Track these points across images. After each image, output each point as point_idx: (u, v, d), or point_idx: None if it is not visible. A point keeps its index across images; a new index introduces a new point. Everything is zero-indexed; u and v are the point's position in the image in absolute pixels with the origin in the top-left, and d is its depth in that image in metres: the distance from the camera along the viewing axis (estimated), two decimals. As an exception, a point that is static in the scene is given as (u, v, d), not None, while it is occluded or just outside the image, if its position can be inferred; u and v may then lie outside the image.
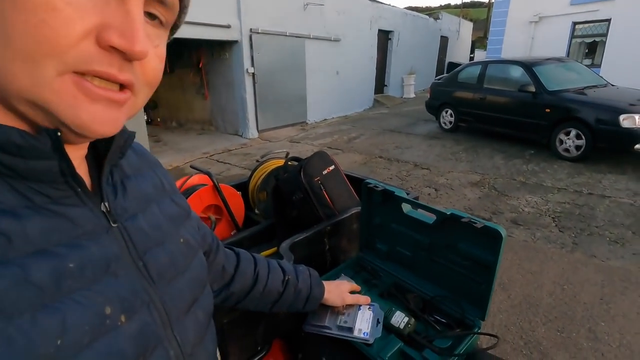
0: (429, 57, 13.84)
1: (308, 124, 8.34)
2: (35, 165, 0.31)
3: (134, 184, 0.45)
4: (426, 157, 5.52)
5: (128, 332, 0.35)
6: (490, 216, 3.51)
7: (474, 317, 0.91)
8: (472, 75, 6.50)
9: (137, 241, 0.40)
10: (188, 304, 0.45)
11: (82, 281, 0.32)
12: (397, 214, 1.05)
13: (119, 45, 0.30)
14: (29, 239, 0.30)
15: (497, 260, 0.84)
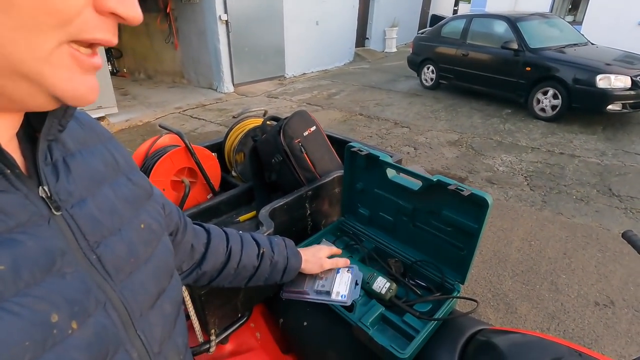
0: (413, 8, 13.29)
1: (286, 78, 8.01)
2: None
3: (80, 162, 0.38)
4: (406, 115, 5.47)
5: (80, 340, 0.30)
6: (466, 175, 3.58)
7: (454, 281, 0.92)
8: (456, 30, 6.31)
9: (87, 231, 0.35)
10: (153, 298, 0.40)
11: (17, 286, 0.27)
12: (381, 179, 1.02)
13: (119, 11, 0.29)
14: None
15: (482, 227, 0.84)
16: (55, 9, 0.25)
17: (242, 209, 1.33)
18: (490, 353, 0.77)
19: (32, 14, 0.24)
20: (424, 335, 0.79)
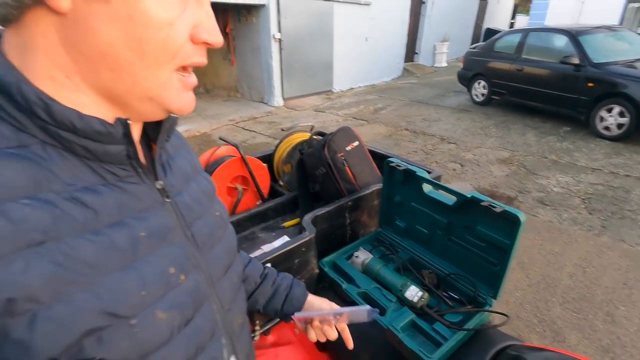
0: (465, 23, 13.02)
1: (334, 92, 8.21)
2: (109, 149, 0.37)
3: (176, 163, 0.50)
4: (454, 130, 5.37)
5: (187, 288, 0.42)
6: (516, 195, 3.43)
7: (487, 295, 0.95)
8: (510, 44, 6.10)
9: (185, 214, 0.46)
10: (224, 268, 0.52)
11: (149, 246, 0.39)
12: (418, 193, 1.07)
13: (209, 40, 0.38)
14: (109, 212, 0.36)
15: (514, 244, 0.86)
16: (169, 48, 0.35)
17: (287, 216, 1.44)
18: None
19: (156, 55, 0.35)
20: (452, 344, 0.83)
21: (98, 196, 0.36)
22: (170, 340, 0.39)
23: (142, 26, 0.33)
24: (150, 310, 0.37)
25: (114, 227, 0.36)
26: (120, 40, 0.33)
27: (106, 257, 0.34)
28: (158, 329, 0.38)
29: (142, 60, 0.35)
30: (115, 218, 0.37)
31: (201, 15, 0.38)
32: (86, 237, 0.33)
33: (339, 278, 1.06)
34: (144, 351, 0.36)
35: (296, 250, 1.00)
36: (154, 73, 0.36)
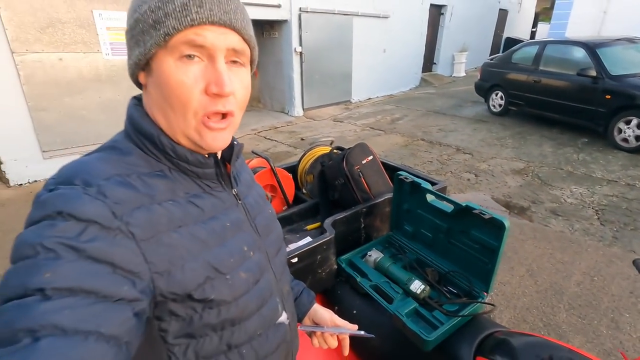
0: (484, 32, 13.04)
1: (352, 102, 8.42)
2: (206, 171, 0.57)
3: (242, 175, 0.70)
4: (470, 141, 5.47)
5: (255, 262, 0.61)
6: (529, 205, 3.52)
7: (480, 290, 1.12)
8: (527, 56, 6.18)
9: (251, 212, 0.65)
10: (276, 250, 0.70)
11: (232, 232, 0.58)
12: (423, 202, 1.26)
13: (216, 92, 0.49)
14: (209, 210, 0.56)
15: (501, 245, 1.03)
16: (185, 101, 0.48)
17: (310, 220, 1.64)
18: (502, 348, 0.96)
19: (179, 107, 0.49)
20: (447, 327, 1.01)
21: (202, 200, 0.55)
22: (248, 291, 0.58)
23: (166, 88, 0.49)
24: (236, 271, 0.56)
25: (212, 219, 0.55)
26: (161, 98, 0.50)
27: (210, 237, 0.53)
28: (241, 283, 0.56)
29: (172, 111, 0.50)
30: (212, 214, 0.56)
31: (213, 73, 0.49)
32: (199, 225, 0.53)
33: (354, 273, 1.25)
34: (235, 296, 0.55)
35: (318, 248, 1.20)
36: (183, 119, 0.50)
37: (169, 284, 0.48)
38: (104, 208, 0.43)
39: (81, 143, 4.50)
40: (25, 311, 0.35)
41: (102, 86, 4.51)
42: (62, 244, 0.39)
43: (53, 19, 3.98)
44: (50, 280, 0.37)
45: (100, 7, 4.27)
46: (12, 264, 0.39)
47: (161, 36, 0.47)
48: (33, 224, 0.41)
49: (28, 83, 3.98)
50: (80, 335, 0.36)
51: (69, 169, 0.47)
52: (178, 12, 0.46)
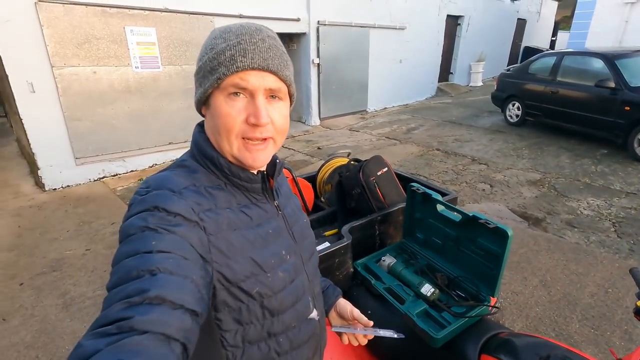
0: (502, 41, 13.00)
1: (368, 112, 8.54)
2: (253, 186, 0.67)
3: (282, 188, 0.79)
4: (485, 151, 5.49)
5: (292, 264, 0.70)
6: (544, 216, 3.54)
7: (486, 294, 1.21)
8: (545, 67, 6.18)
9: (289, 221, 0.74)
10: (310, 255, 0.79)
11: (273, 238, 0.68)
12: (433, 211, 1.36)
13: (254, 122, 0.61)
14: (256, 218, 0.68)
15: (505, 253, 1.12)
16: (229, 129, 0.60)
17: (328, 227, 1.76)
18: (505, 347, 1.04)
19: (224, 132, 0.60)
20: (454, 327, 1.10)
21: (251, 210, 0.66)
22: (285, 288, 0.67)
23: (217, 118, 0.61)
24: (275, 270, 0.65)
25: (258, 226, 0.66)
26: (214, 126, 0.63)
27: (256, 240, 0.64)
28: (279, 281, 0.66)
29: (220, 135, 0.62)
30: (258, 221, 0.66)
31: (253, 107, 0.60)
32: (248, 230, 0.64)
33: (369, 276, 1.35)
34: (274, 291, 0.65)
35: (336, 252, 1.32)
36: (227, 142, 0.62)
37: (224, 272, 0.60)
38: (186, 206, 0.57)
39: (110, 150, 4.77)
40: (143, 261, 0.48)
41: (131, 97, 4.79)
42: (160, 226, 0.53)
43: (89, 35, 4.28)
44: (155, 245, 0.50)
45: (131, 23, 4.55)
46: (125, 238, 0.53)
47: (215, 80, 0.60)
48: (135, 214, 0.55)
49: (65, 94, 4.27)
50: (180, 276, 0.49)
51: (155, 180, 0.61)
52: (227, 61, 0.59)
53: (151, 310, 0.44)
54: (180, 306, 0.47)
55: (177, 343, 0.45)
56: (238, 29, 0.62)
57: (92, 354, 0.38)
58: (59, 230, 3.56)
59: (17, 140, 6.33)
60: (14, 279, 2.82)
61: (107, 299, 0.46)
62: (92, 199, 4.27)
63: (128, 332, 0.41)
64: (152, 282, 0.46)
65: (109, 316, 0.43)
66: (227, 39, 0.60)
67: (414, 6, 8.67)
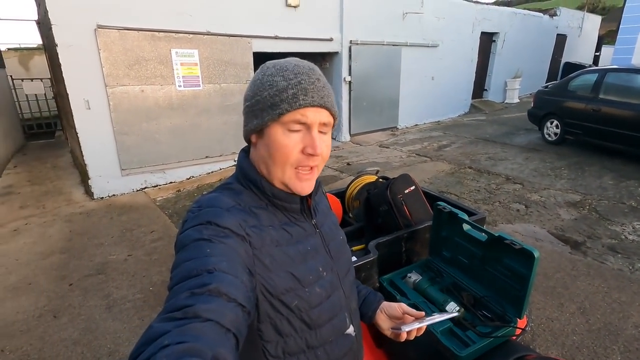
0: (541, 58, 12.62)
1: (398, 129, 8.54)
2: (293, 206, 0.73)
3: (320, 207, 0.84)
4: (521, 170, 5.32)
5: (328, 280, 0.74)
6: (584, 240, 3.37)
7: (512, 315, 1.20)
8: (586, 84, 5.95)
9: (326, 238, 0.78)
10: (345, 271, 0.82)
11: (311, 255, 0.72)
12: (460, 230, 1.38)
13: (311, 152, 0.67)
14: (295, 236, 0.72)
15: (531, 274, 1.13)
16: (286, 158, 0.66)
17: (355, 242, 1.81)
18: (531, 370, 1.04)
19: (280, 162, 0.67)
20: (479, 346, 1.11)
21: (291, 228, 0.71)
22: (322, 304, 0.71)
23: (273, 148, 0.67)
24: (313, 286, 0.70)
25: (297, 243, 0.71)
26: (268, 157, 0.68)
27: (296, 256, 0.69)
28: (316, 296, 0.70)
29: (275, 164, 0.68)
30: (298, 239, 0.71)
31: (310, 139, 0.67)
32: (289, 246, 0.69)
33: (395, 292, 1.39)
34: (311, 305, 0.69)
35: (363, 266, 1.36)
36: (282, 170, 0.68)
37: (267, 285, 0.65)
38: (235, 222, 0.64)
39: (152, 163, 5.10)
40: (201, 263, 0.56)
41: (173, 113, 5.12)
42: (213, 237, 0.60)
43: (139, 57, 4.67)
44: (210, 252, 0.58)
45: (177, 46, 4.92)
46: (182, 248, 0.60)
47: (276, 114, 0.66)
48: (191, 228, 0.63)
49: (115, 111, 4.65)
50: (232, 275, 0.56)
51: (206, 200, 0.69)
52: (290, 99, 0.66)
53: (211, 300, 0.51)
54: (233, 300, 0.53)
55: (231, 334, 0.50)
56: (294, 68, 0.69)
57: (162, 335, 0.44)
58: (105, 236, 3.84)
59: (71, 151, 6.91)
60: (64, 279, 3.07)
61: (171, 292, 0.54)
62: (134, 208, 4.56)
63: (192, 318, 0.47)
64: (211, 277, 0.53)
65: (176, 304, 0.50)
66: (287, 78, 0.67)
67: (447, 24, 8.68)
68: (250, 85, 0.72)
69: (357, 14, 6.89)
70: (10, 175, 5.95)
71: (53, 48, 4.45)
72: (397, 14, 7.63)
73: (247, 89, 0.73)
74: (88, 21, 4.26)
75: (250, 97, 0.71)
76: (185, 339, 0.43)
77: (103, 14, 4.33)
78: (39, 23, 6.77)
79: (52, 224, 4.15)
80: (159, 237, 3.77)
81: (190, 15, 4.96)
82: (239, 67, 5.56)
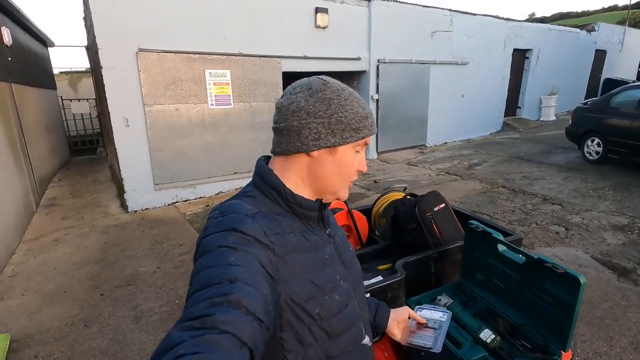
0: (578, 74, 12.13)
1: (427, 147, 8.39)
2: (312, 214, 0.74)
3: (330, 219, 0.85)
4: (560, 190, 5.03)
5: (345, 289, 0.74)
6: (634, 267, 3.10)
7: (556, 347, 1.10)
8: (630, 100, 5.62)
9: (339, 248, 0.79)
10: (358, 282, 0.83)
11: (329, 263, 0.73)
12: (494, 252, 1.29)
13: (362, 169, 0.76)
14: (314, 243, 0.74)
15: (577, 302, 1.03)
16: (350, 175, 0.74)
17: (381, 261, 1.75)
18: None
19: (345, 178, 0.73)
20: (518, 379, 1.01)
21: (309, 235, 0.71)
22: (340, 313, 0.71)
23: (343, 166, 0.73)
24: (332, 294, 0.70)
25: (316, 251, 0.71)
26: (334, 171, 0.73)
27: (316, 264, 0.69)
28: (337, 304, 0.70)
29: (340, 179, 0.74)
30: (316, 247, 0.71)
31: (362, 160, 0.76)
32: (310, 253, 0.69)
33: (424, 315, 1.31)
34: (332, 314, 0.69)
35: (389, 286, 1.30)
36: (341, 185, 0.75)
37: (290, 292, 0.64)
38: (259, 229, 0.63)
39: (184, 178, 5.28)
40: (224, 271, 0.55)
41: (205, 130, 5.31)
42: (237, 245, 0.59)
43: (175, 77, 4.91)
44: (233, 260, 0.57)
45: (211, 67, 5.14)
46: (204, 253, 0.60)
47: (360, 137, 0.73)
48: (214, 233, 0.62)
49: (152, 128, 4.88)
50: (254, 287, 0.55)
51: (228, 206, 0.68)
52: (370, 127, 0.74)
53: (230, 312, 0.49)
54: (252, 314, 0.52)
55: (247, 348, 0.49)
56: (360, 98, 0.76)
57: (179, 343, 0.44)
58: (136, 248, 3.96)
59: (110, 167, 7.30)
60: (96, 289, 3.17)
61: (191, 300, 0.53)
62: (165, 221, 4.70)
63: (209, 328, 0.47)
64: (232, 288, 0.53)
65: (194, 313, 0.49)
66: (363, 107, 0.74)
67: (477, 42, 8.57)
68: (321, 102, 0.71)
69: (385, 33, 6.95)
70: (55, 188, 6.34)
71: (99, 70, 4.78)
72: (425, 33, 7.63)
73: (310, 103, 0.71)
74: (131, 45, 4.55)
75: (325, 114, 0.71)
76: (201, 350, 0.43)
77: (144, 38, 4.62)
78: (88, 48, 7.35)
79: (88, 235, 4.35)
80: (187, 251, 3.84)
81: (223, 37, 5.20)
82: (268, 86, 5.72)
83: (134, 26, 4.54)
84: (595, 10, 49.10)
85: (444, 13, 7.86)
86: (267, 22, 5.57)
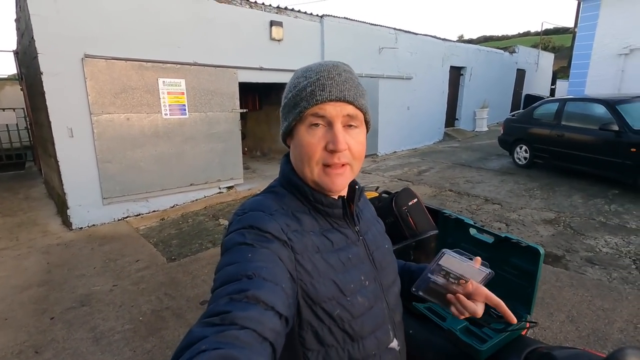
0: (504, 90, 13.62)
1: (379, 155, 8.82)
2: (335, 211, 0.70)
3: (364, 214, 0.80)
4: (497, 192, 5.60)
5: (370, 290, 0.70)
6: (563, 254, 3.57)
7: (523, 312, 1.28)
8: (549, 112, 6.47)
9: (369, 247, 0.74)
10: (390, 283, 0.78)
11: (353, 263, 0.69)
12: (466, 236, 1.47)
13: (332, 148, 0.65)
14: (337, 243, 0.69)
15: (538, 269, 1.22)
16: (311, 156, 0.65)
17: (361, 255, 1.86)
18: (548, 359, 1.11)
19: (307, 160, 0.65)
20: (496, 340, 1.17)
21: (332, 234, 0.69)
22: (364, 315, 0.67)
23: (300, 146, 0.67)
24: (355, 295, 0.66)
25: (339, 250, 0.68)
26: (298, 157, 0.68)
27: (337, 264, 0.66)
28: (359, 306, 0.66)
29: (302, 163, 0.67)
30: (339, 246, 0.68)
31: (331, 135, 0.65)
32: (330, 253, 0.66)
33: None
34: (354, 316, 0.66)
35: (378, 273, 1.42)
36: (309, 168, 0.67)
37: (308, 291, 0.63)
38: (277, 226, 0.63)
39: (136, 191, 4.99)
40: (242, 268, 0.56)
41: (159, 141, 5.10)
42: (255, 242, 0.60)
43: (126, 86, 4.69)
44: (251, 257, 0.58)
45: (164, 75, 4.99)
46: (225, 251, 0.61)
47: (298, 113, 0.67)
48: (235, 230, 0.63)
49: (100, 139, 4.59)
50: (272, 283, 0.55)
51: (250, 203, 0.69)
52: (308, 96, 0.66)
53: (249, 308, 0.50)
54: (271, 308, 0.52)
55: (267, 343, 0.49)
56: (317, 67, 0.69)
57: (200, 339, 0.45)
58: (86, 267, 3.66)
59: (45, 182, 6.63)
60: (44, 313, 2.89)
61: (213, 296, 0.55)
62: (116, 237, 4.40)
63: (229, 324, 0.48)
64: (249, 283, 0.53)
65: (215, 309, 0.51)
66: (308, 77, 0.67)
67: (419, 59, 9.29)
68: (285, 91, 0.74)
69: (337, 48, 7.28)
70: (-22, 208, 5.62)
71: (36, 77, 4.41)
72: (374, 49, 8.12)
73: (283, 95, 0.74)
74: (76, 51, 4.28)
75: (282, 101, 0.73)
76: (222, 346, 0.44)
77: (92, 44, 4.37)
78: (17, 53, 6.70)
79: (27, 256, 3.93)
80: (146, 266, 3.64)
81: (178, 46, 5.09)
82: (225, 96, 5.68)
83: (80, 31, 4.29)
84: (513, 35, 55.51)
85: (390, 31, 8.44)
86: (223, 33, 5.57)
